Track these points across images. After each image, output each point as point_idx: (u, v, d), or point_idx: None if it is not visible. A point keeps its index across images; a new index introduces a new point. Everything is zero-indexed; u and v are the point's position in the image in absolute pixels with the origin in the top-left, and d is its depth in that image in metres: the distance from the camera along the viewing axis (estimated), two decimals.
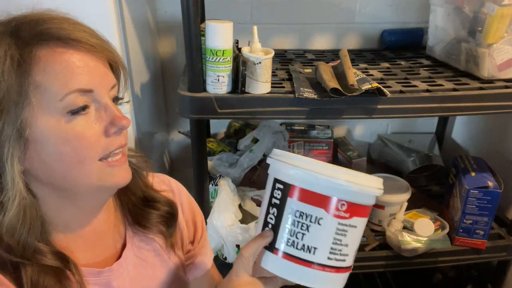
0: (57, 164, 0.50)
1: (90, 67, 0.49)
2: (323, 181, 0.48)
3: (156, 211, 0.64)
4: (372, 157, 1.66)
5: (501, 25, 0.97)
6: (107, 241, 0.61)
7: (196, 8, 0.83)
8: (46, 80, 0.47)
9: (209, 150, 1.47)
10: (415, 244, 1.12)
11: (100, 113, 0.51)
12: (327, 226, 0.49)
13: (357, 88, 0.89)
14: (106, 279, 0.58)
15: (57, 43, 0.48)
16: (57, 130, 0.48)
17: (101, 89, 0.51)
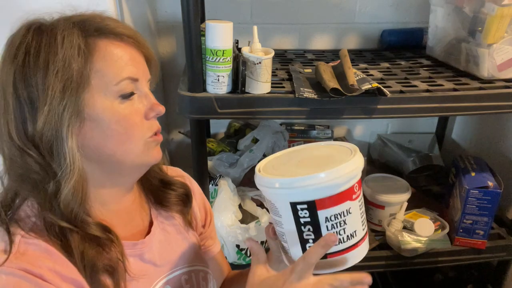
0: (108, 141, 0.56)
1: (137, 60, 0.58)
2: (341, 180, 0.52)
3: (174, 192, 0.72)
4: (372, 157, 1.66)
5: (501, 25, 0.97)
6: (136, 218, 0.68)
7: (196, 8, 0.83)
8: (105, 66, 0.54)
9: (209, 150, 1.47)
10: (415, 244, 1.12)
11: (141, 100, 0.59)
12: (355, 210, 0.55)
13: (357, 88, 0.89)
14: (140, 251, 0.64)
15: (114, 37, 0.56)
16: (111, 110, 0.55)
17: (143, 79, 0.59)
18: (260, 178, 0.55)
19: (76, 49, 0.52)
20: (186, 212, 0.74)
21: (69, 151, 0.52)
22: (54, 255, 0.52)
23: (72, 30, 0.53)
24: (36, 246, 0.52)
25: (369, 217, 1.25)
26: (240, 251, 1.11)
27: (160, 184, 0.72)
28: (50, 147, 0.53)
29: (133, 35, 0.58)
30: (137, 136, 0.58)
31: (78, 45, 0.52)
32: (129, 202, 0.66)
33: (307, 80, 1.01)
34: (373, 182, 1.26)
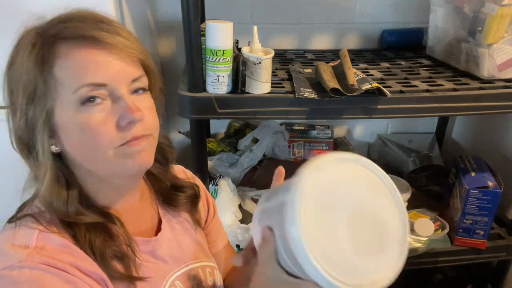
0: (78, 150, 0.55)
1: (104, 62, 0.53)
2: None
3: (183, 194, 0.72)
4: (372, 157, 1.66)
5: (501, 25, 0.97)
6: (144, 215, 0.68)
7: (196, 8, 0.83)
8: (63, 75, 0.52)
9: (209, 150, 1.47)
10: (415, 244, 1.12)
11: (114, 106, 0.54)
12: None
13: (357, 88, 0.89)
14: (153, 247, 0.64)
15: (72, 40, 0.52)
16: (73, 119, 0.53)
17: (116, 82, 0.54)
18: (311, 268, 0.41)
19: (33, 59, 0.51)
20: (194, 211, 0.74)
21: (41, 155, 0.54)
22: (72, 249, 0.54)
23: (34, 37, 0.53)
24: (53, 241, 0.53)
25: None
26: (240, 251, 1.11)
27: (171, 187, 0.72)
28: (28, 149, 0.55)
29: (99, 36, 0.52)
30: (103, 146, 0.53)
31: (35, 54, 0.52)
32: (136, 200, 0.66)
33: (307, 80, 1.01)
34: None
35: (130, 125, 0.54)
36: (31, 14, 0.55)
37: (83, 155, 0.55)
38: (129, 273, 0.57)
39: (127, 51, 0.55)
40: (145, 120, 0.56)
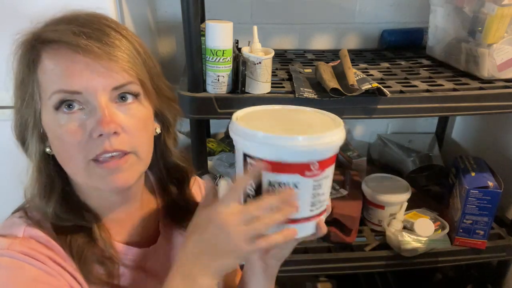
0: (57, 156, 0.55)
1: (79, 69, 0.50)
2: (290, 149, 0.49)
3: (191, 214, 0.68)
4: (372, 157, 1.66)
5: (501, 25, 0.97)
6: (141, 228, 0.65)
7: (196, 8, 0.83)
8: (43, 79, 0.51)
9: (209, 150, 1.47)
10: (415, 244, 1.12)
11: (91, 115, 0.51)
12: (304, 187, 0.51)
13: (357, 88, 0.89)
14: (143, 258, 0.63)
15: (52, 45, 0.51)
16: (51, 125, 0.52)
17: (93, 90, 0.50)
18: (231, 124, 0.53)
19: (26, 62, 0.52)
20: None
21: (29, 154, 0.55)
22: (55, 247, 0.54)
23: (25, 41, 0.53)
24: (39, 236, 0.54)
25: (369, 217, 1.25)
26: None
27: (184, 206, 0.69)
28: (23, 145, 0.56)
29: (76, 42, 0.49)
30: (75, 158, 0.51)
31: (27, 57, 0.52)
32: (132, 212, 0.64)
33: (307, 80, 1.01)
34: (373, 182, 1.26)
35: (102, 137, 0.51)
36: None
37: (61, 162, 0.55)
38: (109, 279, 0.56)
39: (108, 59, 0.51)
40: (123, 135, 0.52)
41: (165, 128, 0.63)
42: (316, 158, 0.50)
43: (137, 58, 0.54)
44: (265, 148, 0.49)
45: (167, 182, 0.69)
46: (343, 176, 1.34)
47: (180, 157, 0.67)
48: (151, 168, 0.66)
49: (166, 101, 0.61)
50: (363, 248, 1.16)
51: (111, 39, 0.52)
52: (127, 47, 0.53)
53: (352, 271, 1.19)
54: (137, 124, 0.54)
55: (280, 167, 0.50)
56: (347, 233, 1.16)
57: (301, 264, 1.12)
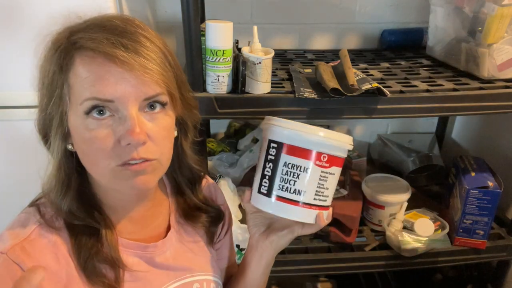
0: (82, 158, 0.56)
1: (114, 80, 0.51)
2: (308, 138, 0.60)
3: (205, 214, 0.72)
4: (372, 157, 1.66)
5: (501, 25, 0.97)
6: (153, 224, 0.67)
7: (196, 8, 0.83)
8: (75, 84, 0.52)
9: (209, 150, 1.47)
10: (415, 244, 1.12)
11: (120, 123, 0.53)
12: (313, 174, 0.61)
13: (357, 88, 0.89)
14: (151, 254, 0.64)
15: (87, 52, 0.51)
16: (80, 129, 0.53)
17: (124, 100, 0.52)
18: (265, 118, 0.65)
19: (59, 64, 0.52)
20: (211, 231, 0.74)
21: (51, 150, 0.56)
22: (59, 249, 0.56)
23: (59, 43, 0.53)
24: (46, 238, 0.55)
25: (369, 217, 1.25)
26: (240, 251, 1.11)
27: (194, 207, 0.72)
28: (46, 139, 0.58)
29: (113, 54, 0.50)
30: (102, 162, 0.53)
31: (60, 59, 0.52)
32: (144, 210, 0.65)
33: (307, 80, 1.01)
34: (373, 182, 1.26)
35: (130, 146, 0.52)
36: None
37: (86, 164, 0.56)
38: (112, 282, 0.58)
39: (143, 71, 0.52)
40: (150, 144, 0.54)
41: (183, 132, 0.65)
42: (327, 151, 0.60)
43: (168, 70, 0.56)
44: (284, 132, 0.61)
45: (180, 183, 0.71)
46: (343, 176, 1.34)
47: (194, 159, 0.69)
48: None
49: (189, 109, 0.63)
50: (363, 248, 1.16)
51: (147, 51, 0.53)
52: (161, 59, 0.54)
53: (352, 271, 1.19)
54: (162, 133, 0.56)
55: (297, 151, 0.60)
56: (347, 233, 1.16)
57: (301, 264, 1.12)
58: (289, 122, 0.61)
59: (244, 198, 0.68)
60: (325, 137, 0.60)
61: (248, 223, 0.71)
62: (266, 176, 0.63)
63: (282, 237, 0.68)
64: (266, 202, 0.64)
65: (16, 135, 1.05)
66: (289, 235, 0.68)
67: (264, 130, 0.65)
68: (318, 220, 0.63)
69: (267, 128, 0.64)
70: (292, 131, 0.60)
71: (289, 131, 0.60)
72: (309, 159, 0.60)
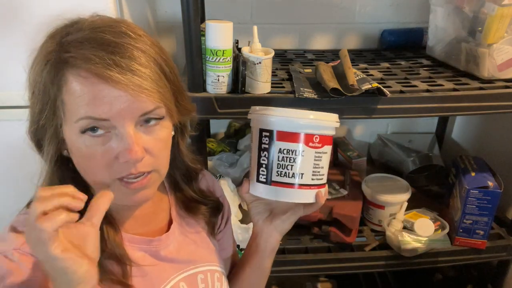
0: (80, 170, 0.55)
1: (109, 99, 0.50)
2: (298, 122, 0.61)
3: (204, 206, 0.73)
4: (372, 157, 1.66)
5: (501, 25, 0.97)
6: (155, 220, 0.68)
7: (196, 8, 0.83)
8: (69, 100, 0.51)
9: (209, 150, 1.47)
10: (415, 244, 1.12)
11: (117, 140, 0.52)
12: (308, 156, 0.62)
13: (357, 88, 0.89)
14: (156, 248, 0.65)
15: (80, 70, 0.50)
16: (76, 143, 0.53)
17: (120, 118, 0.51)
18: (250, 110, 0.66)
19: (50, 79, 0.51)
20: (212, 221, 0.75)
21: (45, 157, 0.56)
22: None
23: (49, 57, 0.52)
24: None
25: (369, 217, 1.25)
26: (240, 251, 1.11)
27: (193, 200, 0.73)
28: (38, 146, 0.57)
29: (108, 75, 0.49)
30: (99, 175, 0.54)
31: (51, 74, 0.51)
32: (146, 208, 0.66)
33: (307, 80, 1.01)
34: (373, 182, 1.26)
35: (128, 163, 0.53)
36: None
37: (83, 174, 0.56)
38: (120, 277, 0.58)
39: (139, 91, 0.51)
40: (147, 157, 0.54)
41: (180, 132, 0.65)
42: (318, 132, 0.62)
43: (164, 84, 0.55)
44: (274, 120, 0.62)
45: (177, 179, 0.71)
46: (343, 176, 1.34)
47: (190, 157, 0.70)
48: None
49: (186, 113, 0.63)
50: (363, 248, 1.16)
51: (142, 68, 0.51)
52: (156, 74, 0.53)
53: (352, 271, 1.19)
54: (159, 145, 0.56)
55: (289, 136, 0.61)
56: (347, 233, 1.16)
57: (301, 264, 1.12)
58: (276, 109, 0.63)
59: (243, 189, 0.68)
60: (314, 118, 0.61)
61: (250, 212, 0.72)
62: (263, 164, 0.64)
63: (285, 220, 0.70)
64: (266, 190, 0.65)
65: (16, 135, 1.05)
66: (292, 217, 0.70)
67: (253, 120, 0.66)
68: (318, 199, 0.65)
69: (256, 118, 0.65)
70: (281, 117, 0.61)
71: (278, 118, 0.62)
72: (302, 142, 0.62)
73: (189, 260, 0.68)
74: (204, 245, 0.73)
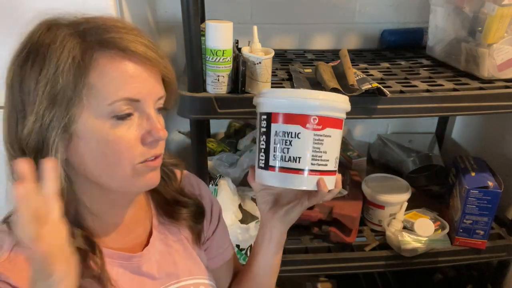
0: (95, 162, 0.53)
1: (141, 78, 0.53)
2: (294, 102, 0.58)
3: (185, 209, 0.71)
4: (372, 157, 1.66)
5: (501, 25, 0.97)
6: (136, 230, 0.66)
7: (196, 8, 0.83)
8: (100, 84, 0.50)
9: (209, 150, 1.47)
10: (415, 244, 1.12)
11: (141, 121, 0.54)
12: (305, 138, 0.59)
13: (357, 88, 0.89)
14: (137, 264, 0.63)
15: (117, 52, 0.51)
16: (101, 131, 0.51)
17: (148, 99, 0.54)
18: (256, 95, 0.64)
19: (70, 61, 0.49)
20: (196, 228, 0.72)
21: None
22: None
23: (73, 39, 0.50)
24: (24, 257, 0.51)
25: (369, 217, 1.25)
26: (240, 251, 1.11)
27: (173, 202, 0.70)
28: (34, 155, 0.51)
29: (142, 51, 0.52)
30: (125, 161, 0.53)
31: (73, 57, 0.49)
32: (129, 215, 0.64)
33: (307, 80, 1.01)
34: (373, 182, 1.26)
35: (154, 143, 0.55)
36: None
37: (98, 167, 0.54)
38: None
39: (162, 69, 0.55)
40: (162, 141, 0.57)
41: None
42: (316, 112, 0.58)
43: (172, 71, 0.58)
44: (270, 102, 0.59)
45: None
46: (343, 176, 1.34)
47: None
48: None
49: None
50: (363, 248, 1.16)
51: (160, 51, 0.55)
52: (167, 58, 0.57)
53: (352, 271, 1.19)
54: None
55: (285, 117, 0.58)
56: (347, 233, 1.16)
57: (301, 264, 1.12)
58: (276, 90, 0.61)
59: (249, 177, 0.67)
60: (312, 98, 0.58)
61: (257, 201, 0.70)
62: (262, 149, 0.62)
63: (290, 210, 0.67)
64: (265, 175, 0.62)
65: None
66: (297, 208, 0.66)
67: (256, 105, 0.64)
68: (319, 186, 0.60)
69: (256, 102, 0.63)
70: (276, 98, 0.59)
71: (274, 100, 0.59)
72: (299, 123, 0.58)
73: (171, 273, 0.66)
74: (187, 255, 0.70)
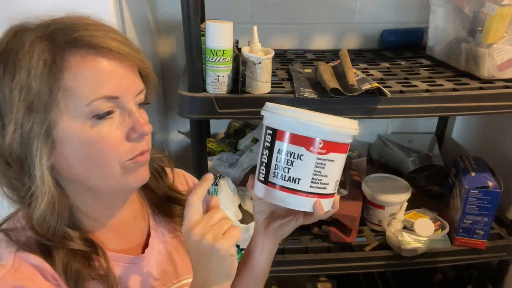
0: (81, 165, 0.52)
1: (118, 74, 0.51)
2: (301, 123, 0.57)
3: (179, 206, 0.70)
4: (372, 157, 1.66)
5: (501, 25, 0.97)
6: (134, 231, 0.66)
7: (196, 8, 0.83)
8: (76, 85, 0.49)
9: (209, 150, 1.47)
10: (415, 244, 1.12)
11: (123, 118, 0.53)
12: (307, 161, 0.58)
13: (357, 88, 0.89)
14: (138, 266, 0.63)
15: (88, 50, 0.50)
16: (81, 133, 0.50)
17: (127, 95, 0.53)
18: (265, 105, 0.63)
19: (42, 65, 0.47)
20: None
21: (38, 172, 0.50)
22: (46, 272, 0.52)
23: (42, 42, 0.48)
24: (29, 262, 0.52)
25: (369, 217, 1.25)
26: (240, 251, 1.11)
27: (166, 199, 0.70)
28: (20, 165, 0.51)
29: (115, 47, 0.50)
30: (112, 161, 0.52)
31: (44, 60, 0.47)
32: (125, 215, 0.64)
33: (307, 80, 1.01)
34: (373, 182, 1.26)
35: (139, 139, 0.54)
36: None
37: (86, 170, 0.53)
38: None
39: (138, 63, 0.54)
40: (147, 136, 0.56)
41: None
42: (322, 137, 0.57)
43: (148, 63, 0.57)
44: (277, 118, 0.59)
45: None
46: (343, 176, 1.34)
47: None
48: None
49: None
50: (363, 248, 1.16)
51: (131, 44, 0.54)
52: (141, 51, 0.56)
53: (352, 271, 1.19)
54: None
55: (290, 137, 0.58)
56: (347, 233, 1.16)
57: (301, 264, 1.12)
58: (285, 108, 0.59)
59: (249, 185, 0.66)
60: (320, 122, 0.57)
61: (254, 210, 0.70)
62: (263, 163, 0.62)
63: (283, 225, 0.66)
64: (263, 190, 0.62)
65: None
66: (291, 223, 0.66)
67: (264, 116, 0.63)
68: (316, 209, 0.60)
69: (265, 114, 0.62)
70: (285, 117, 0.58)
71: (284, 117, 0.58)
72: (303, 145, 0.57)
73: (170, 274, 0.66)
74: (185, 251, 0.70)
